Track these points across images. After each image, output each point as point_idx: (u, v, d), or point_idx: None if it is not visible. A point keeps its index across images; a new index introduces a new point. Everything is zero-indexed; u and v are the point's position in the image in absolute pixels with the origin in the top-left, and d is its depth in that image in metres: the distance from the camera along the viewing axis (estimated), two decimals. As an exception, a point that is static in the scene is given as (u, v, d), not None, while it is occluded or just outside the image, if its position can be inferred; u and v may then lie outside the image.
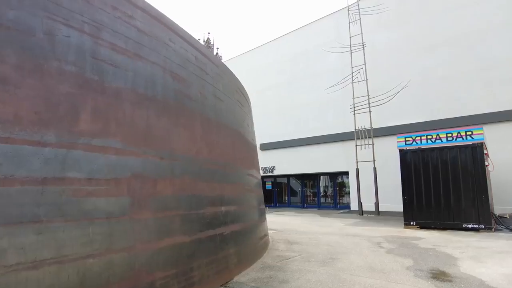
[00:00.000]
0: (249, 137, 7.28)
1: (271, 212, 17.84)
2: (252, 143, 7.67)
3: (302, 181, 23.12)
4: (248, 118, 7.71)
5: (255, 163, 7.87)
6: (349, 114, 19.74)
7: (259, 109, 24.78)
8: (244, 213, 6.00)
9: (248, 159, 6.89)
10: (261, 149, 23.82)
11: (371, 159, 15.87)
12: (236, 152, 5.85)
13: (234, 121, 5.95)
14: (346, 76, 17.34)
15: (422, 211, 10.02)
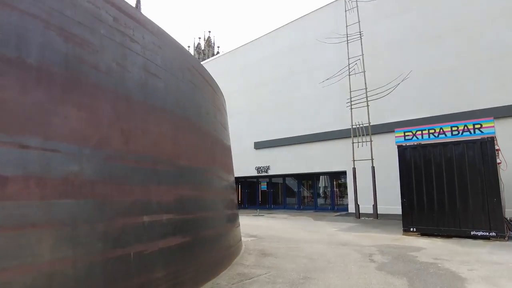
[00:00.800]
0: (211, 128, 6.08)
1: (262, 214, 16.64)
2: (216, 136, 6.47)
3: (298, 182, 21.89)
4: (212, 106, 6.51)
5: (221, 161, 6.67)
6: (347, 110, 18.49)
7: (254, 106, 23.68)
8: (195, 222, 4.81)
9: (206, 156, 5.69)
10: (255, 147, 22.68)
11: (370, 157, 14.59)
12: (181, 145, 4.66)
13: (180, 105, 4.76)
14: (342, 68, 16.06)
15: (423, 215, 8.75)
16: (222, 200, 6.78)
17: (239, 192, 25.51)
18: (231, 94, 25.47)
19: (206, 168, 5.61)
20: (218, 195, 6.32)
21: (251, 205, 24.17)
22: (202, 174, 5.42)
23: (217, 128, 6.63)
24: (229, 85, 25.64)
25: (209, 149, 5.84)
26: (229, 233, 6.39)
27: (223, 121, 8.06)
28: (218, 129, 6.81)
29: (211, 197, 5.80)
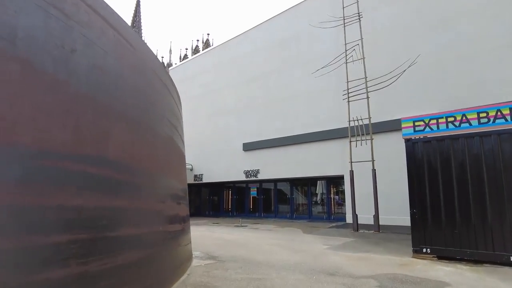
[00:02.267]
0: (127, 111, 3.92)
1: (245, 225, 14.37)
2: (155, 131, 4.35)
3: (292, 187, 19.63)
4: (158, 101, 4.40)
5: (163, 164, 4.58)
6: (345, 105, 16.34)
7: (244, 104, 21.56)
8: (102, 243, 2.63)
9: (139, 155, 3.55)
10: (244, 149, 20.49)
11: (370, 158, 12.37)
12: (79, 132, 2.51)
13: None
14: (339, 55, 13.92)
15: (440, 231, 6.50)
16: (159, 213, 4.66)
17: (228, 198, 23.27)
18: (219, 91, 23.46)
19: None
20: (152, 207, 4.18)
21: (240, 212, 21.90)
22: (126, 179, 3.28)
23: (154, 117, 4.48)
24: (217, 81, 23.62)
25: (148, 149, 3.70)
26: (164, 257, 4.21)
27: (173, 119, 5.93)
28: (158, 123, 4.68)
29: (137, 209, 3.65)
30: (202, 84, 24.57)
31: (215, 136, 22.66)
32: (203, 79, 24.60)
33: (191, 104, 25.45)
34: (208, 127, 23.42)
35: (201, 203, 24.96)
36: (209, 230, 11.96)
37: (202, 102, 24.35)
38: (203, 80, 24.63)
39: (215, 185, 23.78)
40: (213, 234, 10.64)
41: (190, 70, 26.23)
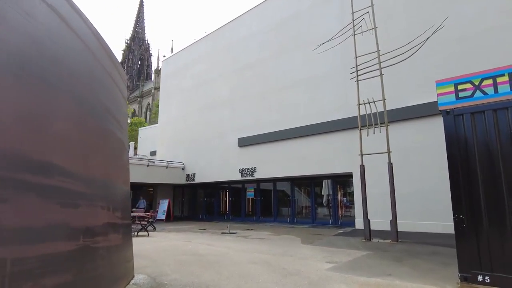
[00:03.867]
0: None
1: (234, 232, 12.08)
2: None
3: (292, 188, 17.31)
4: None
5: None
6: (352, 92, 14.07)
7: (239, 94, 19.32)
8: None
9: None
10: (239, 145, 18.26)
11: (385, 149, 10.05)
12: None
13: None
14: (345, 26, 11.60)
15: (504, 248, 4.17)
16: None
17: (224, 200, 21.04)
18: (212, 81, 21.24)
19: None
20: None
21: (236, 216, 19.65)
22: None
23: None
24: (210, 71, 21.44)
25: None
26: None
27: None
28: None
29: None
30: (194, 75, 22.44)
31: (208, 132, 20.48)
32: (196, 70, 22.48)
33: (182, 97, 23.35)
34: (200, 122, 21.25)
35: (195, 206, 22.76)
36: (186, 239, 9.74)
37: (194, 95, 22.21)
38: (195, 71, 22.50)
39: (209, 186, 21.57)
40: (186, 246, 8.42)
41: (182, 61, 24.14)
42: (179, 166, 21.47)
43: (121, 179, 4.99)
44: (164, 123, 25.15)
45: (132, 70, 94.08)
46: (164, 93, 26.01)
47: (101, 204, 3.93)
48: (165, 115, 25.13)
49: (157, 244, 8.63)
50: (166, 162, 20.92)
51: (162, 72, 26.63)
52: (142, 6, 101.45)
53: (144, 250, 7.36)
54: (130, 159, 20.44)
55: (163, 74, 26.42)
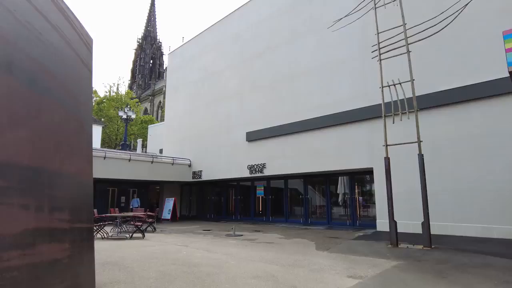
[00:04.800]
0: None
1: (239, 234, 10.78)
2: None
3: (305, 186, 15.90)
4: None
5: None
6: (372, 78, 12.61)
7: (247, 85, 18.01)
8: None
9: None
10: (247, 139, 16.99)
11: (414, 139, 8.55)
12: None
13: None
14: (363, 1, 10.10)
15: None
16: None
17: (232, 199, 19.82)
18: (220, 73, 19.99)
19: None
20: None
21: (245, 216, 18.38)
22: None
23: None
24: (217, 62, 20.21)
25: None
26: None
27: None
28: None
29: None
30: (201, 67, 21.26)
31: (215, 127, 19.27)
32: (202, 62, 21.30)
33: (189, 91, 22.22)
34: (207, 117, 20.06)
35: (203, 205, 21.61)
36: (183, 243, 8.52)
37: (201, 88, 21.04)
38: (202, 63, 21.32)
39: (217, 184, 20.37)
40: (180, 251, 7.18)
41: (188, 53, 23.01)
42: (185, 163, 20.35)
43: (75, 168, 3.75)
44: (170, 119, 24.10)
45: (144, 69, 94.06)
46: (170, 88, 24.97)
47: (22, 202, 2.68)
48: (172, 110, 24.08)
49: (147, 249, 7.43)
50: (171, 158, 19.83)
51: (168, 65, 25.60)
52: (153, 4, 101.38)
53: (127, 258, 6.15)
54: (133, 155, 19.55)
55: (169, 68, 25.38)
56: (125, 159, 17.58)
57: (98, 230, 9.58)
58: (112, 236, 9.55)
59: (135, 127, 47.43)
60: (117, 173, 16.97)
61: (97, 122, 42.78)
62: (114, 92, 52.35)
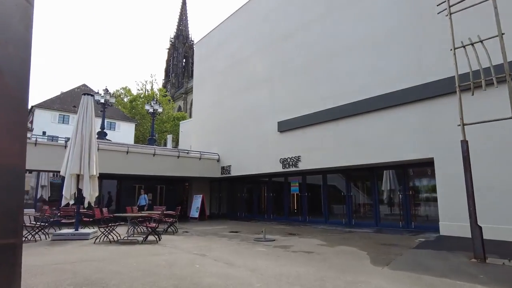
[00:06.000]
0: None
1: (272, 239, 9.01)
2: None
3: (348, 181, 13.84)
4: None
5: None
6: (428, 50, 10.45)
7: (278, 70, 16.17)
8: None
9: None
10: (279, 130, 15.19)
11: (491, 117, 6.30)
12: None
13: None
14: None
15: None
16: None
17: (264, 196, 18.15)
18: (247, 59, 18.31)
19: None
20: None
21: (278, 215, 16.63)
22: None
23: None
24: (245, 47, 18.56)
25: None
26: None
27: None
28: None
29: None
30: (228, 54, 19.74)
31: (244, 118, 17.67)
32: (229, 48, 19.77)
33: (216, 81, 20.80)
34: (235, 107, 18.52)
35: (233, 203, 20.16)
36: (202, 250, 6.95)
37: (228, 77, 19.53)
38: (229, 50, 19.80)
39: (247, 180, 18.79)
40: (193, 264, 5.60)
41: (215, 40, 21.60)
42: (213, 158, 18.98)
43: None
44: (197, 112, 22.91)
45: (177, 68, 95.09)
46: (197, 80, 23.76)
47: None
48: (199, 103, 22.86)
49: (152, 259, 5.93)
50: (199, 153, 18.53)
51: (195, 56, 24.40)
52: (185, 3, 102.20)
53: (119, 274, 4.67)
54: (158, 149, 18.48)
55: (196, 59, 24.16)
56: (149, 153, 16.50)
57: (108, 232, 8.31)
58: (123, 240, 8.26)
59: (168, 124, 47.34)
60: (141, 168, 15.93)
61: (131, 120, 43.25)
62: (148, 90, 52.79)
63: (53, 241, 8.15)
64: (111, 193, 18.03)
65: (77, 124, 9.10)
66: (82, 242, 7.97)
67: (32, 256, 5.89)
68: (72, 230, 8.92)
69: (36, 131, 29.94)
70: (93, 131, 9.30)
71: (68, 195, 8.60)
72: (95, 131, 9.41)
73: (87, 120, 9.21)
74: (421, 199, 11.81)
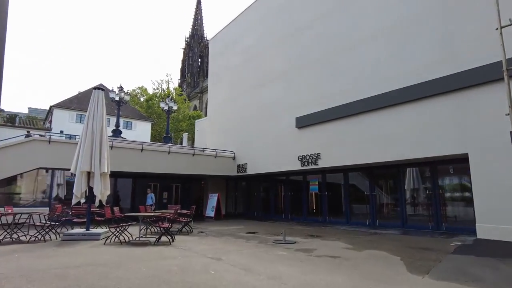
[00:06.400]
0: None
1: (292, 241, 8.36)
2: None
3: (371, 179, 13.04)
4: None
5: None
6: (461, 35, 9.58)
7: (295, 63, 15.47)
8: None
9: None
10: (297, 126, 14.53)
11: None
12: None
13: None
14: None
15: None
16: None
17: (281, 196, 17.53)
18: (263, 53, 17.63)
19: None
20: None
21: (296, 215, 15.97)
22: None
23: None
24: (261, 41, 17.95)
25: None
26: None
27: None
28: None
29: None
30: (244, 49, 19.19)
31: (260, 114, 17.08)
32: (244, 43, 19.21)
33: (231, 77, 20.28)
34: (251, 104, 17.96)
35: (249, 202, 19.62)
36: (214, 254, 6.41)
37: (243, 73, 18.99)
38: (244, 44, 19.25)
39: (264, 178, 18.19)
40: (205, 270, 5.05)
41: (230, 35, 21.09)
42: (229, 156, 18.49)
43: None
44: (212, 109, 22.48)
45: (193, 68, 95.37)
46: (212, 77, 23.32)
47: None
48: (214, 100, 22.41)
49: (163, 264, 5.43)
50: (214, 150, 18.08)
51: (209, 53, 23.96)
52: (199, 3, 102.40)
53: (124, 282, 4.16)
54: (173, 147, 18.11)
55: (211, 55, 23.72)
56: (164, 151, 16.16)
57: (119, 232, 7.90)
58: (134, 241, 7.83)
59: (184, 123, 47.28)
60: (155, 166, 15.59)
61: (147, 119, 43.42)
62: (164, 89, 52.92)
63: (63, 242, 7.80)
64: (119, 191, 17.66)
65: (88, 120, 8.74)
66: (92, 243, 7.58)
67: (36, 259, 5.50)
68: (83, 230, 8.56)
69: (54, 130, 30.30)
70: (104, 127, 8.92)
71: (79, 194, 8.24)
72: (106, 127, 9.03)
73: (98, 116, 8.84)
74: (452, 199, 10.92)
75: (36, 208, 11.46)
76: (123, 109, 37.55)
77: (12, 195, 13.77)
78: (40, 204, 12.73)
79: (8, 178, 12.78)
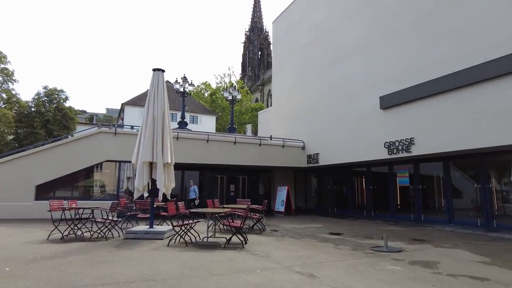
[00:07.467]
0: None
1: (397, 248, 6.45)
2: None
3: (482, 169, 10.33)
4: None
5: None
6: None
7: (376, 32, 13.15)
8: None
9: None
10: (382, 107, 12.34)
11: None
12: None
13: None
14: None
15: None
16: None
17: (361, 189, 15.41)
18: (336, 27, 15.40)
19: None
20: None
21: (381, 212, 13.77)
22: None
23: None
24: (332, 16, 15.79)
25: None
26: None
27: None
28: None
29: None
30: (311, 27, 17.27)
31: (332, 96, 15.11)
32: (312, 20, 17.27)
33: (297, 59, 18.50)
34: (321, 85, 16.04)
35: (321, 196, 17.83)
36: (302, 266, 4.90)
37: (312, 52, 17.09)
38: (312, 21, 17.31)
39: (339, 170, 16.20)
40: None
41: (294, 15, 19.30)
42: (298, 145, 16.88)
43: None
44: (277, 97, 21.00)
45: (253, 61, 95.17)
46: (276, 61, 21.81)
47: None
48: (278, 87, 20.90)
49: (240, 280, 4.07)
50: (281, 140, 16.63)
51: (272, 36, 22.45)
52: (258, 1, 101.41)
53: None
54: (239, 137, 17.01)
55: (274, 39, 22.17)
56: (230, 141, 15.18)
57: (185, 232, 6.87)
58: (201, 242, 6.73)
59: (247, 115, 46.85)
60: (221, 158, 14.70)
61: (211, 113, 43.86)
62: (226, 82, 53.14)
63: (125, 240, 7.04)
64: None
65: (148, 106, 7.88)
66: (155, 243, 6.66)
67: (87, 266, 4.59)
68: (147, 227, 7.76)
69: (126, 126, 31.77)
70: (166, 112, 8.00)
71: (141, 187, 7.42)
72: (168, 113, 8.10)
73: (159, 101, 7.93)
74: None
75: (101, 202, 11.27)
76: (188, 104, 38.30)
77: (86, 188, 14.03)
78: (110, 197, 12.62)
79: (85, 170, 12.98)
